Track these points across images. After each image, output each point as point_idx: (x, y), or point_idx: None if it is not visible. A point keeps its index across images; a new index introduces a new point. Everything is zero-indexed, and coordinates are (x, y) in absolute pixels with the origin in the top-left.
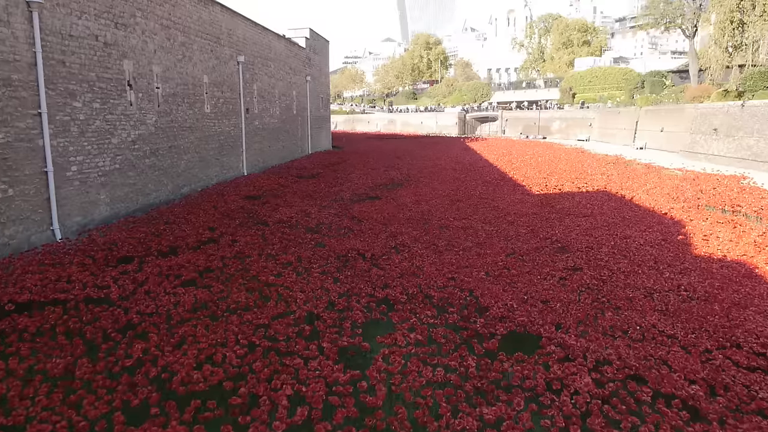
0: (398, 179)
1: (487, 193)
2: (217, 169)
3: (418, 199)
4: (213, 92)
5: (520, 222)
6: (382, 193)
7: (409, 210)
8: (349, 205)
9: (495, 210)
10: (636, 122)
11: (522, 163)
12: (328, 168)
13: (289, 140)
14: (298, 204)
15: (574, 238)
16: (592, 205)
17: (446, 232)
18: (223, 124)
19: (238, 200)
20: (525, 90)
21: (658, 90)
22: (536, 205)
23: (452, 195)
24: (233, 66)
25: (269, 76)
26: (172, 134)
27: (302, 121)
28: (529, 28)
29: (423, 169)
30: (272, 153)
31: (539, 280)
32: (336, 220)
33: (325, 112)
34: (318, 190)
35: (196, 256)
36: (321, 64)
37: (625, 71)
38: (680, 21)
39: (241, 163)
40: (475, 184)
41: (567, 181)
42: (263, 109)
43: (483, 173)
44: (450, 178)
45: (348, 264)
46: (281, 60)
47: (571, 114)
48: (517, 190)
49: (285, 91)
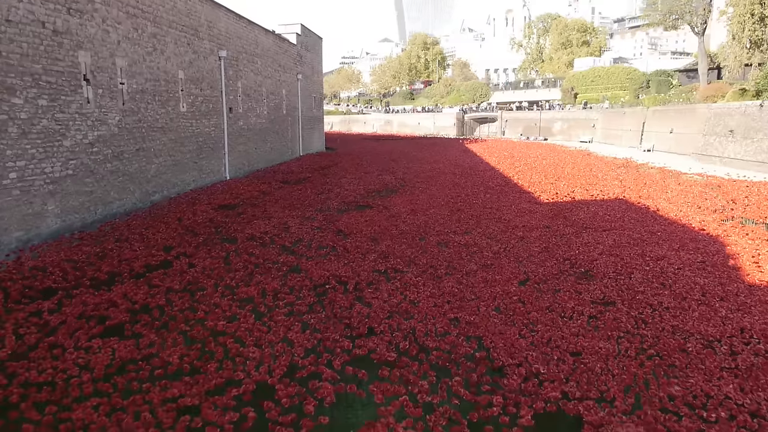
0: (393, 184)
1: (491, 202)
2: (194, 173)
3: (413, 208)
4: (190, 89)
5: (531, 237)
6: (375, 201)
7: (403, 222)
8: (335, 217)
9: (501, 222)
10: (643, 123)
11: (526, 166)
12: (318, 172)
13: (278, 142)
14: (277, 215)
15: (598, 259)
16: (611, 216)
17: (446, 250)
18: (202, 124)
19: (210, 211)
20: (525, 90)
21: (665, 90)
22: (547, 216)
23: (452, 203)
24: (214, 61)
25: (256, 74)
26: (140, 135)
27: (293, 122)
28: (527, 28)
29: (420, 173)
30: (259, 155)
31: (564, 320)
32: (318, 236)
33: (318, 113)
34: (303, 198)
35: (137, 289)
36: (314, 62)
37: (629, 70)
38: (689, 17)
39: (223, 167)
40: (476, 191)
41: (577, 187)
42: (249, 108)
43: (485, 178)
44: (449, 184)
45: (325, 297)
46: (269, 56)
47: (573, 115)
48: (523, 197)
49: (274, 89)
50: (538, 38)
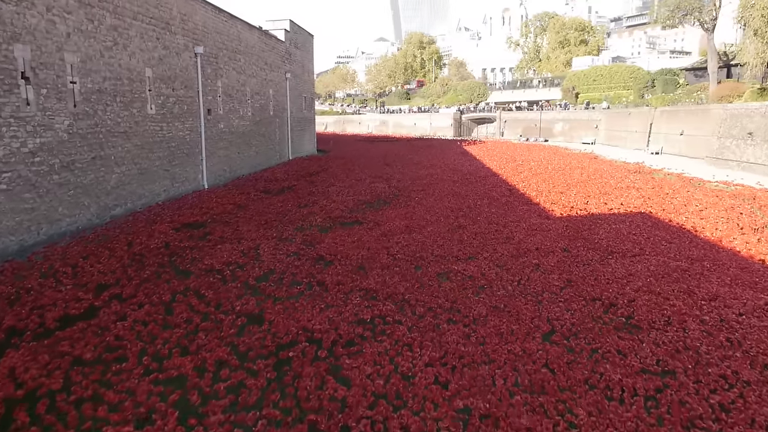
0: (386, 194)
1: (497, 216)
2: (166, 182)
3: (408, 224)
4: (160, 89)
5: (548, 265)
6: (365, 215)
7: (396, 243)
8: (318, 237)
9: (510, 243)
10: (650, 124)
11: (530, 172)
12: (305, 179)
13: (264, 145)
14: (250, 236)
15: (636, 299)
16: (638, 236)
17: (447, 285)
18: (175, 127)
19: (170, 232)
20: (524, 90)
21: (671, 89)
22: (563, 236)
23: (452, 218)
24: (189, 58)
25: (239, 72)
26: (97, 142)
27: (281, 124)
28: (524, 27)
29: (416, 180)
30: (242, 160)
31: (611, 405)
32: (294, 265)
33: (309, 113)
34: (283, 212)
35: (32, 360)
36: (304, 60)
37: (633, 69)
38: (698, 13)
39: (200, 174)
40: (479, 202)
41: (591, 197)
42: (231, 109)
43: (487, 186)
44: (448, 193)
45: (288, 370)
46: (254, 54)
47: (574, 115)
48: (532, 210)
49: (259, 89)
50: (535, 37)
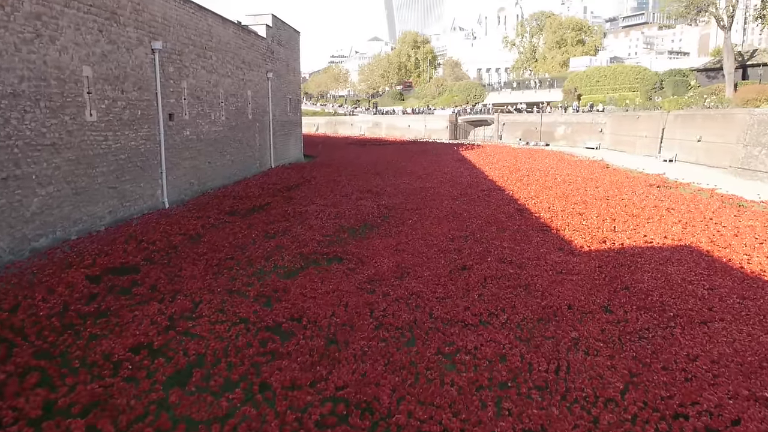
0: (374, 216)
1: (509, 251)
2: (112, 202)
3: (400, 262)
4: (103, 91)
5: (591, 339)
6: (346, 247)
7: (384, 296)
8: (281, 286)
9: (532, 296)
10: (662, 129)
11: (538, 185)
12: (282, 194)
13: (241, 153)
14: (190, 287)
15: (747, 422)
16: (696, 285)
17: (452, 377)
18: (125, 136)
19: (80, 282)
20: (522, 91)
21: (682, 91)
22: (598, 284)
23: (453, 252)
24: (144, 55)
25: (209, 71)
26: (9, 158)
27: (261, 128)
28: (520, 27)
29: (409, 196)
30: (214, 171)
31: None
32: (235, 346)
33: (295, 116)
34: (244, 246)
35: None
36: (288, 59)
37: (639, 70)
38: (713, 9)
39: (159, 191)
40: (485, 228)
41: (617, 221)
42: (199, 113)
43: (491, 204)
44: (446, 213)
45: None
46: (230, 51)
47: (577, 118)
48: (550, 241)
49: (235, 90)
50: (531, 37)
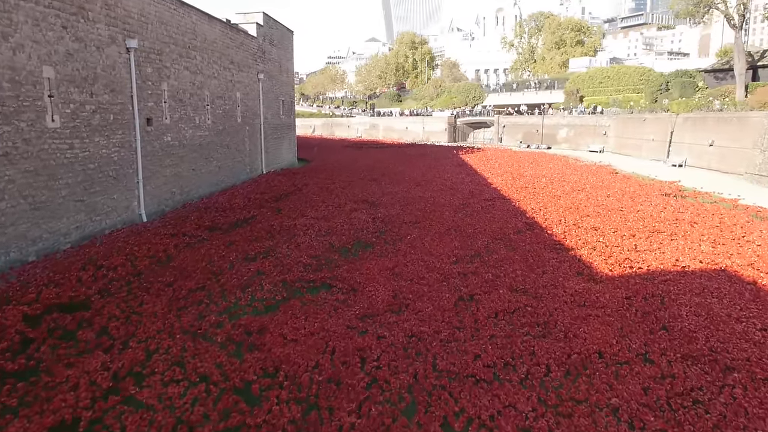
0: (368, 231)
1: (521, 276)
2: (79, 217)
3: (397, 290)
4: (68, 94)
5: (631, 403)
6: (336, 271)
7: (377, 338)
8: (257, 326)
9: (553, 338)
10: (670, 133)
11: (545, 193)
12: (270, 205)
13: (229, 158)
14: (149, 329)
15: None
16: (746, 324)
17: None
18: (94, 144)
19: (16, 326)
20: (522, 92)
21: (689, 93)
22: (629, 322)
23: (457, 277)
24: (116, 54)
25: (193, 72)
26: None
27: (252, 132)
28: (518, 27)
29: (407, 206)
30: (199, 179)
31: None
32: (187, 419)
33: (288, 119)
34: (219, 272)
35: None
36: (281, 59)
37: (643, 71)
38: (723, 7)
39: (135, 202)
40: (492, 247)
41: (638, 236)
42: (182, 117)
43: (496, 216)
44: (448, 227)
45: None
46: (216, 50)
47: (580, 120)
48: (566, 262)
49: (223, 92)
50: (529, 37)
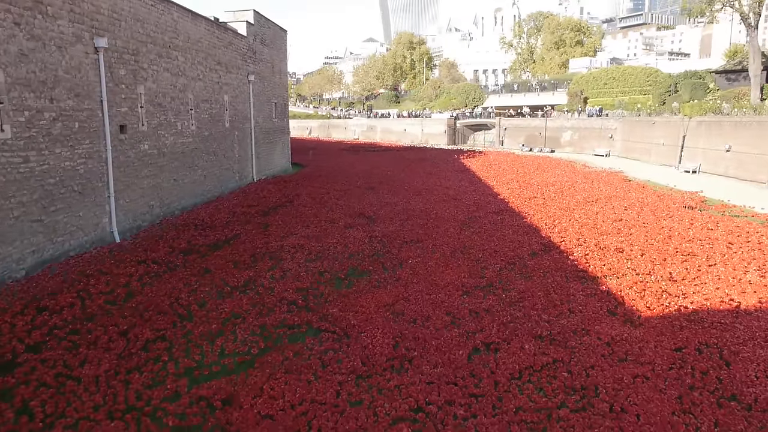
0: (364, 254)
1: (546, 317)
2: (37, 239)
3: (397, 335)
4: (22, 100)
5: None
6: (327, 310)
7: (375, 419)
8: (218, 398)
9: (597, 413)
10: (682, 137)
11: (557, 205)
12: (257, 220)
13: (216, 166)
14: (72, 411)
15: None
16: None
17: None
18: (54, 155)
19: None
20: (524, 94)
21: (700, 95)
22: (690, 392)
23: (470, 319)
24: (82, 54)
25: (175, 74)
26: None
27: (241, 137)
28: (517, 27)
29: (407, 221)
30: (181, 190)
31: None
32: None
33: (281, 122)
34: (187, 314)
35: None
36: (274, 60)
37: (650, 72)
38: (737, 5)
39: (106, 218)
40: (507, 275)
41: (672, 263)
42: (161, 123)
43: (508, 234)
44: (454, 249)
45: None
46: (201, 50)
47: (585, 123)
48: (597, 298)
49: (209, 95)
50: (528, 38)
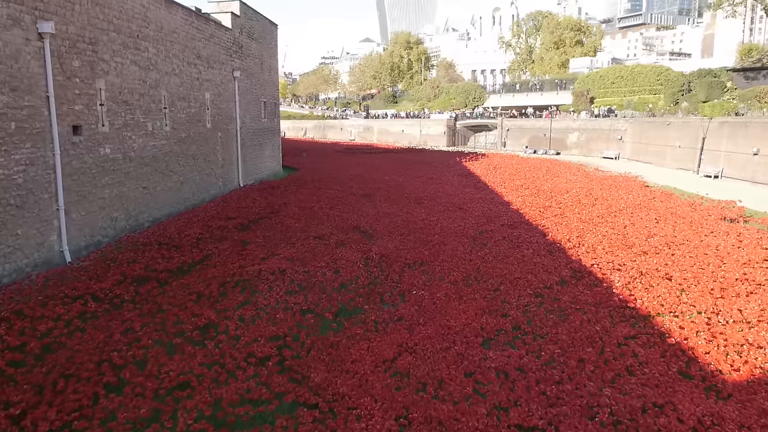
0: (358, 282)
1: (601, 380)
2: None
3: (404, 422)
4: None
5: None
6: (308, 373)
7: None
8: None
9: None
10: (702, 139)
11: (577, 217)
12: (234, 236)
13: (195, 171)
14: None
15: None
16: None
17: None
18: None
19: None
20: (527, 94)
21: (717, 94)
22: None
23: (498, 386)
24: (20, 41)
25: (144, 67)
26: None
27: (226, 139)
28: (516, 27)
29: (408, 236)
30: (154, 199)
31: None
32: None
33: (271, 123)
34: (111, 386)
35: None
36: (263, 56)
37: (661, 70)
38: None
39: (54, 236)
40: (535, 312)
41: (735, 296)
42: (127, 123)
43: (527, 255)
44: (465, 274)
45: None
46: (177, 42)
47: (593, 124)
48: (654, 348)
49: (186, 92)
50: (527, 37)
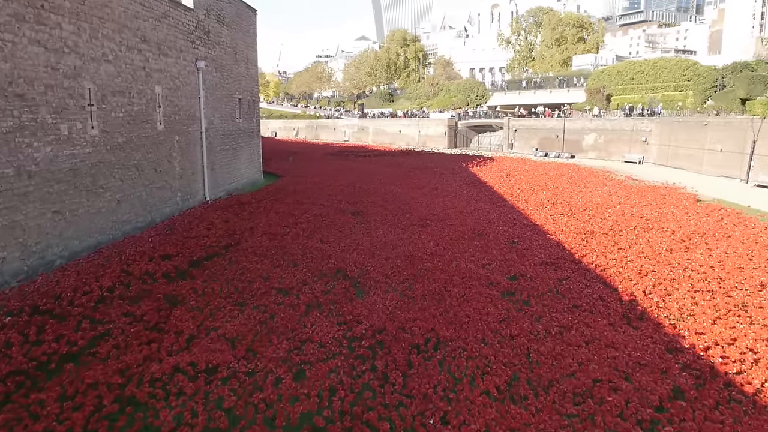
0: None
1: None
2: None
3: None
4: None
5: None
6: None
7: None
8: None
9: None
10: (752, 142)
11: (635, 247)
12: (158, 292)
13: (139, 186)
14: None
15: None
16: None
17: None
18: None
19: None
20: (534, 91)
21: (759, 90)
22: None
23: None
24: None
25: (54, 50)
26: None
27: (186, 143)
28: (515, 23)
29: (414, 283)
30: (74, 226)
31: None
32: None
33: (249, 124)
34: None
35: None
36: (238, 45)
37: (687, 64)
38: None
39: None
40: None
41: None
42: (24, 125)
43: (589, 320)
44: (509, 363)
45: None
46: (111, 19)
47: (612, 124)
48: None
49: (126, 85)
50: (526, 34)
